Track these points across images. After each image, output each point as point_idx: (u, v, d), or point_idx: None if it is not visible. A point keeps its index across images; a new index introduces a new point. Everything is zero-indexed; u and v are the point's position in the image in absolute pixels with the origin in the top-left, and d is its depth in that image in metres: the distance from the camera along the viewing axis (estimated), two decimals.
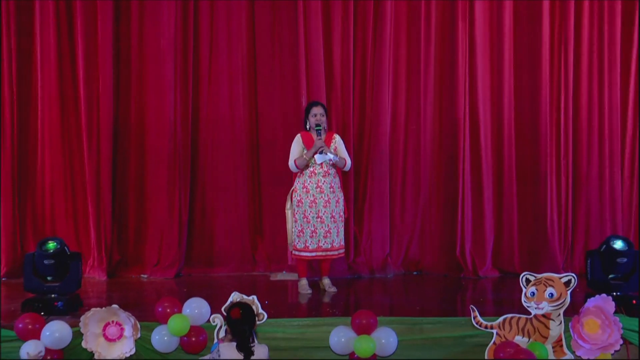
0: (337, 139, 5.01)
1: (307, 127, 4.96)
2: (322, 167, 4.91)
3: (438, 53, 5.88)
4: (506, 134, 5.92)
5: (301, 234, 4.90)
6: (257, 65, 5.90)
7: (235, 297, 3.96)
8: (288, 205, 5.01)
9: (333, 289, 5.07)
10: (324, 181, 4.92)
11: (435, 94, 5.96)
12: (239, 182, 5.92)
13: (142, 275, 5.79)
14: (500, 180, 5.91)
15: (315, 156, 4.80)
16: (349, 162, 4.98)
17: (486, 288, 5.47)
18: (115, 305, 4.00)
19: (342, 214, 4.99)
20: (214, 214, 5.89)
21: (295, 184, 5.01)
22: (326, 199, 4.89)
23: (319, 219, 4.88)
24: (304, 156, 4.86)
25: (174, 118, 5.76)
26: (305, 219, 4.89)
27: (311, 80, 5.73)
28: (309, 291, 5.00)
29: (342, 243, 4.96)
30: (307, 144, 4.91)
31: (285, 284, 5.50)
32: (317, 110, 4.96)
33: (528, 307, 4.00)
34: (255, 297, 3.97)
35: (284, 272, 5.84)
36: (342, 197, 5.02)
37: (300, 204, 4.89)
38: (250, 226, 5.95)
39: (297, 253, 4.95)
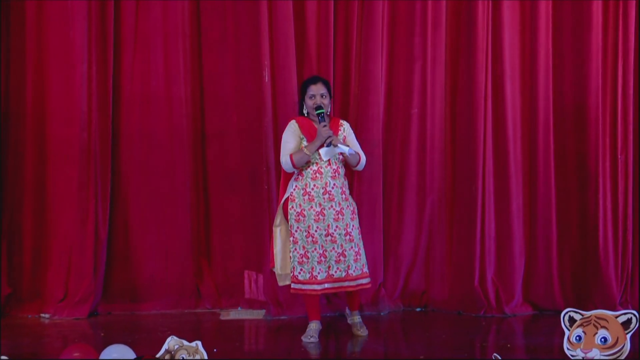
0: (345, 126, 5.00)
1: (305, 112, 4.93)
2: (329, 165, 4.84)
3: (450, 6, 5.88)
4: (541, 120, 5.87)
5: (304, 259, 4.82)
6: (202, 25, 5.87)
7: (171, 343, 3.83)
8: (278, 220, 4.96)
9: (363, 331, 5.00)
10: (334, 184, 4.85)
11: (447, 65, 5.91)
12: (178, 186, 5.87)
13: (43, 315, 5.70)
14: (534, 183, 5.88)
15: (320, 150, 4.73)
16: (363, 158, 4.93)
17: (515, 330, 5.49)
18: (3, 358, 3.86)
19: (359, 230, 4.97)
20: (143, 229, 5.84)
21: (289, 190, 4.93)
22: (338, 208, 4.84)
23: (329, 237, 4.81)
24: (306, 150, 4.77)
25: (88, 99, 5.67)
26: (310, 239, 4.81)
27: (276, 46, 5.66)
28: (313, 340, 4.86)
29: (366, 270, 4.91)
30: (308, 133, 4.84)
31: (241, 324, 5.50)
32: (316, 89, 4.88)
33: (573, 356, 3.94)
34: (199, 343, 3.86)
35: (240, 308, 5.86)
36: (355, 207, 4.98)
37: (301, 218, 4.83)
38: (193, 246, 5.90)
39: (299, 287, 4.86)
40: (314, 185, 4.84)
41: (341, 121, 5.05)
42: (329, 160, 4.84)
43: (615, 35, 5.87)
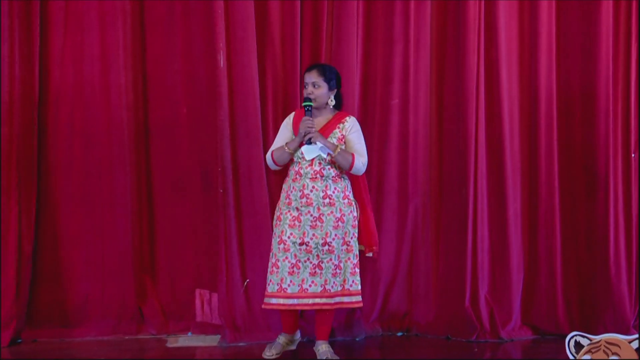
0: (348, 123, 5.10)
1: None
2: (312, 166, 4.98)
3: None
4: (543, 112, 5.90)
5: (274, 269, 4.99)
6: (145, 0, 5.87)
7: None
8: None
9: None
10: (313, 187, 4.98)
11: (432, 48, 5.94)
12: (117, 191, 5.84)
13: None
14: (534, 186, 5.93)
15: (302, 148, 4.90)
16: (359, 161, 5.01)
17: (513, 357, 5.55)
18: None
19: (346, 240, 5.03)
20: (76, 242, 5.82)
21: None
22: (316, 214, 4.97)
23: (303, 247, 4.95)
24: (286, 147, 4.98)
25: (9, 88, 5.61)
26: (282, 246, 4.97)
27: (233, 26, 5.64)
28: (271, 356, 5.10)
29: (348, 287, 5.04)
30: (297, 127, 5.05)
31: (192, 353, 5.52)
32: (308, 78, 5.05)
33: None
34: None
35: (190, 333, 5.85)
36: (353, 215, 5.09)
37: (277, 223, 5.04)
38: (134, 261, 5.88)
39: (266, 301, 5.02)
40: (293, 187, 5.00)
41: (347, 117, 5.12)
42: (312, 160, 4.96)
43: (628, 14, 5.91)
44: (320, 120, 5.07)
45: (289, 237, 4.96)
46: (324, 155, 4.94)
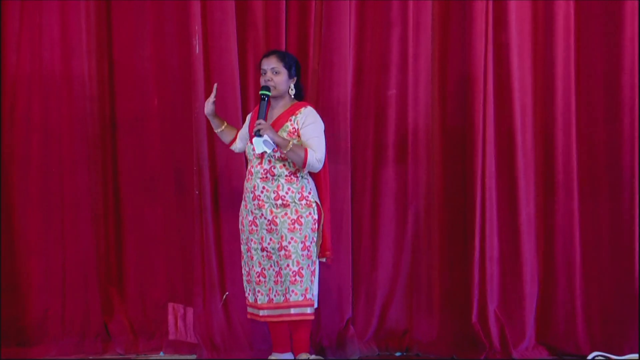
0: (302, 114, 5.01)
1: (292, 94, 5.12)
2: (261, 164, 4.96)
3: None
4: (560, 104, 5.76)
5: (248, 278, 5.08)
6: None
7: None
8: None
9: None
10: (263, 188, 4.95)
11: (434, 32, 5.83)
12: (80, 193, 5.80)
13: None
14: (550, 187, 5.80)
15: (253, 140, 4.85)
16: (313, 157, 4.91)
17: None
18: None
19: (307, 244, 4.96)
20: (32, 250, 5.78)
21: None
22: (269, 217, 4.94)
23: (264, 253, 4.99)
24: (218, 129, 5.14)
25: None
26: (248, 254, 5.05)
27: (210, 7, 5.65)
28: None
29: (309, 296, 4.96)
30: (253, 125, 5.01)
31: None
32: (267, 63, 4.98)
33: None
34: None
35: (162, 353, 5.76)
36: (312, 217, 5.01)
37: (242, 228, 5.10)
38: (99, 271, 5.85)
39: (249, 311, 5.13)
40: (247, 188, 5.02)
41: (302, 108, 5.03)
42: (261, 158, 4.93)
43: None
44: (277, 111, 5.00)
45: (252, 244, 5.00)
46: (269, 151, 4.85)
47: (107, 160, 5.83)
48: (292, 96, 5.00)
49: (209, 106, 5.04)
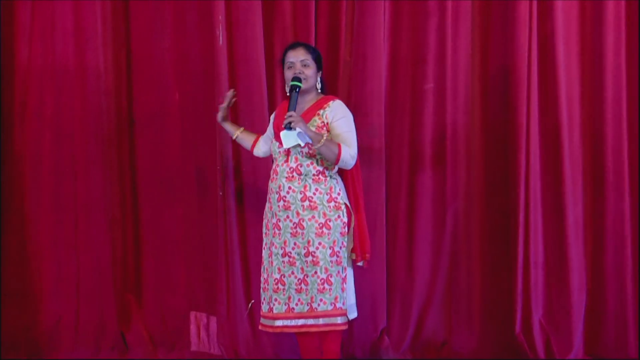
0: (330, 108, 4.93)
1: (286, 89, 4.99)
2: (287, 163, 4.86)
3: None
4: (610, 97, 5.66)
5: (266, 285, 4.98)
6: None
7: None
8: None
9: None
10: (289, 188, 4.85)
11: (474, 22, 5.75)
12: (95, 194, 5.78)
13: None
14: (600, 187, 5.72)
15: (281, 134, 4.78)
16: (347, 152, 4.83)
17: None
18: None
19: (335, 249, 4.85)
20: (45, 255, 5.77)
21: None
22: (295, 220, 4.84)
23: (286, 258, 4.87)
24: (235, 132, 5.15)
25: None
26: (269, 259, 4.96)
27: None
28: None
29: (340, 305, 4.87)
30: (278, 122, 4.94)
31: None
32: (295, 56, 4.89)
33: None
34: None
35: None
36: (341, 220, 4.90)
37: (266, 232, 5.03)
38: (115, 278, 5.84)
39: (262, 322, 5.00)
40: (271, 189, 4.96)
41: (330, 102, 4.96)
42: (287, 156, 4.85)
43: None
44: (304, 106, 4.93)
45: (273, 249, 4.94)
46: (302, 144, 4.77)
47: (123, 159, 5.80)
48: (319, 90, 4.96)
49: (220, 113, 5.07)
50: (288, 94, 4.83)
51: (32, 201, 5.72)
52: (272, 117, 5.11)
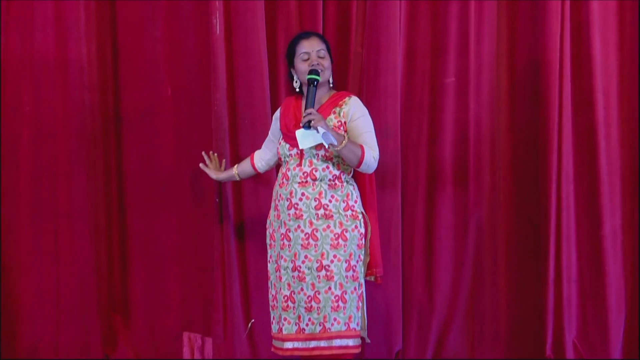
0: (348, 106, 4.81)
1: (295, 85, 4.86)
2: (300, 164, 4.73)
3: None
4: None
5: (275, 303, 4.86)
6: None
7: None
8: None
9: None
10: (302, 194, 4.72)
11: (500, 8, 5.64)
12: (77, 201, 5.70)
13: None
14: None
15: (297, 133, 4.64)
16: (370, 155, 4.71)
17: None
18: None
19: (352, 263, 4.72)
20: (21, 269, 5.67)
21: None
22: (308, 230, 4.71)
23: (296, 273, 4.73)
24: (235, 170, 5.11)
25: None
26: (277, 274, 4.83)
27: None
28: None
29: (354, 326, 4.76)
30: (287, 121, 4.81)
31: None
32: (310, 46, 4.76)
33: None
34: None
35: None
36: (359, 231, 4.79)
37: (272, 244, 4.90)
38: (100, 294, 5.76)
39: (274, 344, 4.91)
40: (280, 195, 4.81)
41: (346, 98, 4.84)
42: (300, 159, 4.70)
43: None
44: (315, 104, 4.81)
45: (282, 262, 4.81)
46: (326, 145, 4.60)
47: (110, 161, 5.72)
48: (331, 85, 4.84)
49: (209, 171, 5.10)
50: (298, 90, 4.75)
51: (8, 208, 5.62)
52: (275, 116, 4.99)
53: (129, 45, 5.71)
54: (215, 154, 5.21)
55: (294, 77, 4.84)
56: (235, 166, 5.10)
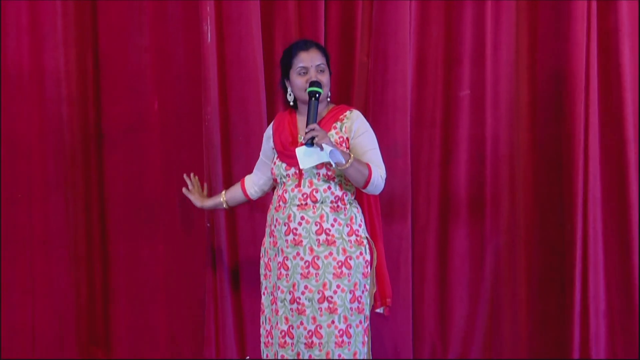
0: (350, 121, 4.66)
1: (289, 98, 4.67)
2: (299, 185, 4.55)
3: None
4: None
5: (269, 339, 4.72)
6: None
7: None
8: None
9: None
10: (302, 218, 4.55)
11: (519, 14, 5.52)
12: (54, 225, 5.54)
13: None
14: None
15: (298, 151, 4.47)
16: (377, 174, 4.54)
17: None
18: None
19: (357, 294, 4.57)
20: None
21: None
22: (308, 258, 4.55)
23: (295, 305, 4.58)
24: (222, 196, 4.90)
25: None
26: (274, 306, 4.70)
27: None
28: None
29: None
30: (283, 138, 4.65)
31: None
32: (309, 59, 4.58)
33: None
34: None
35: None
36: (364, 258, 4.61)
37: (267, 273, 4.76)
38: (80, 329, 5.61)
39: None
40: (276, 220, 4.63)
41: (347, 112, 4.65)
42: (299, 179, 4.51)
43: None
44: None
45: (278, 294, 4.67)
46: (333, 164, 4.41)
47: (90, 182, 5.55)
48: (329, 99, 4.69)
49: (193, 198, 4.92)
50: (291, 104, 4.55)
51: None
52: (266, 134, 4.83)
53: (112, 55, 5.55)
54: (196, 177, 5.06)
55: (288, 90, 4.68)
56: (223, 192, 4.95)
